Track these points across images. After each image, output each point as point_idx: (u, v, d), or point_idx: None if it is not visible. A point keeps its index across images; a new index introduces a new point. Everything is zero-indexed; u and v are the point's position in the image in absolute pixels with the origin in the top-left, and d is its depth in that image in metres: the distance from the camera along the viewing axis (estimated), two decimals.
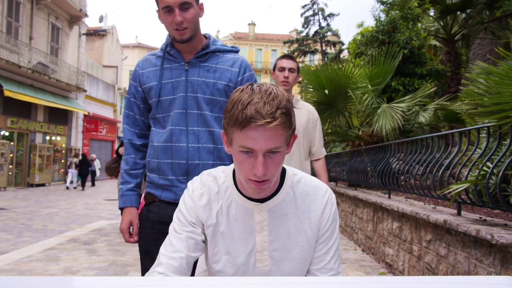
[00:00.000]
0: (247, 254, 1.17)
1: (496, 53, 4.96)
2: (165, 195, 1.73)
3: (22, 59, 15.86)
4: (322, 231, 1.19)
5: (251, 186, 1.08)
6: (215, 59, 1.77)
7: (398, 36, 8.79)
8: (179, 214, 1.19)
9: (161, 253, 1.14)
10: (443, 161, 3.60)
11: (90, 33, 25.02)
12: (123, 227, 1.78)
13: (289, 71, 2.89)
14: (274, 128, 0.99)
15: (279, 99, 1.01)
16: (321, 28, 28.36)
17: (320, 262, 1.20)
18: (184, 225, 1.17)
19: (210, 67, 1.74)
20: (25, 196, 13.29)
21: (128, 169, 1.81)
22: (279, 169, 1.09)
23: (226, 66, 1.77)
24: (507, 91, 2.71)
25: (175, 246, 1.14)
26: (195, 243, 1.16)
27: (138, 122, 1.83)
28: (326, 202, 1.20)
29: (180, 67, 1.74)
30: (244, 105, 0.99)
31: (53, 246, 5.52)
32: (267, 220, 1.16)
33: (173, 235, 1.17)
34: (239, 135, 1.01)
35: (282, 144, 1.03)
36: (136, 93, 1.80)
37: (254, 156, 1.03)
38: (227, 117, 1.04)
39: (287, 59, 2.94)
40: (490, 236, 2.34)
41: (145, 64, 1.80)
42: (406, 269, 3.97)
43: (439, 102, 7.63)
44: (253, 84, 1.06)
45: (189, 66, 1.73)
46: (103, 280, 0.71)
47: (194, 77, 1.72)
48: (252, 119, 0.98)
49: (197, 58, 1.74)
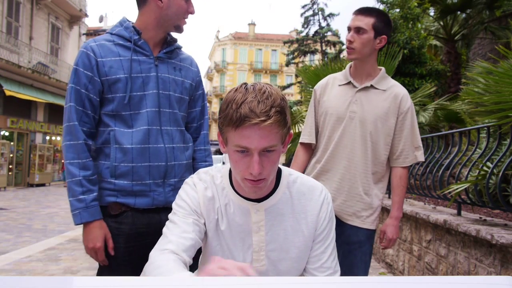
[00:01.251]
0: (244, 253, 1.17)
1: (496, 52, 4.97)
2: (140, 202, 1.57)
3: (22, 59, 15.86)
4: (319, 231, 1.19)
5: (247, 185, 1.08)
6: (178, 56, 1.72)
7: (398, 36, 8.79)
8: (182, 203, 1.15)
9: (168, 233, 1.08)
10: (443, 161, 3.60)
11: (90, 33, 24.99)
12: (99, 245, 1.52)
13: (355, 32, 1.99)
14: (268, 126, 0.99)
15: (273, 97, 1.01)
16: (321, 28, 28.35)
17: (318, 261, 1.20)
18: (189, 212, 1.14)
19: (176, 64, 1.69)
20: (25, 196, 13.29)
21: (89, 175, 1.53)
22: (275, 168, 1.09)
23: (187, 64, 1.74)
24: (507, 91, 2.71)
25: (183, 227, 1.10)
26: (200, 230, 1.13)
27: (89, 119, 1.56)
28: (322, 201, 1.20)
29: (149, 60, 1.60)
30: (238, 104, 1.00)
31: (53, 246, 5.52)
32: (264, 220, 1.16)
33: (177, 220, 1.12)
34: (234, 134, 1.02)
35: (277, 142, 1.04)
36: (89, 84, 1.54)
37: (249, 155, 1.03)
38: (221, 117, 1.05)
39: (357, 13, 2.01)
40: (490, 236, 2.34)
41: (103, 51, 1.55)
42: (406, 269, 3.97)
43: (439, 102, 7.63)
44: (247, 84, 1.06)
45: (159, 62, 1.63)
46: (103, 280, 0.71)
47: (165, 74, 1.63)
48: (247, 118, 0.98)
49: (166, 53, 1.66)
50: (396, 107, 2.00)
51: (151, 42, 1.63)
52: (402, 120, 2.01)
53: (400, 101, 2.01)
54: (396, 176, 2.05)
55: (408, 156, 2.02)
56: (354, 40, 1.97)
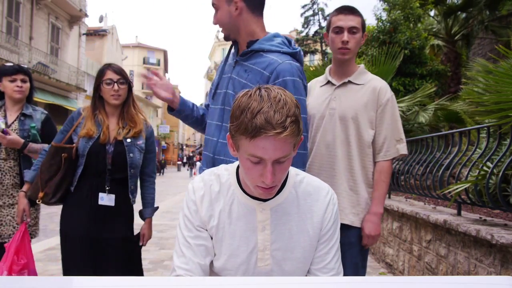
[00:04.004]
0: (249, 252, 1.17)
1: (496, 52, 4.96)
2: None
3: (22, 59, 15.85)
4: (324, 231, 1.20)
5: (258, 192, 1.09)
6: (256, 58, 1.71)
7: (399, 36, 8.79)
8: (185, 219, 1.19)
9: (176, 265, 1.15)
10: (443, 161, 3.60)
11: (90, 33, 25.01)
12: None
13: (349, 32, 1.97)
14: (284, 138, 0.99)
15: (288, 106, 1.00)
16: (321, 28, 28.33)
17: (321, 262, 1.20)
18: (191, 231, 1.18)
19: (247, 67, 1.71)
20: None
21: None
22: (286, 174, 1.10)
23: (260, 68, 1.68)
24: (507, 90, 2.71)
25: (187, 256, 1.15)
26: (205, 249, 1.17)
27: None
28: (328, 202, 1.21)
29: (232, 63, 1.80)
30: (254, 114, 0.98)
31: (53, 246, 5.51)
32: (269, 219, 1.16)
33: (183, 244, 1.17)
34: (248, 144, 1.01)
35: (290, 151, 1.04)
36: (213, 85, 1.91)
37: (262, 164, 1.03)
38: (235, 124, 1.03)
39: (346, 13, 1.99)
40: (490, 236, 2.34)
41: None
42: (406, 269, 3.97)
43: (439, 102, 7.64)
44: (261, 89, 1.04)
45: (236, 64, 1.77)
46: (103, 280, 0.71)
47: (235, 75, 1.74)
48: (262, 129, 0.97)
49: (242, 55, 1.75)
50: (375, 100, 1.98)
51: (240, 45, 1.79)
52: (381, 113, 1.98)
53: (378, 93, 1.98)
54: (377, 171, 2.00)
55: (389, 149, 1.98)
56: (349, 40, 1.97)
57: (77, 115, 2.34)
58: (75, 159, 2.19)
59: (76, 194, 2.20)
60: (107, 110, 2.29)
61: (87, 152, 2.17)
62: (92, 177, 2.19)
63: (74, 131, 2.27)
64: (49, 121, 2.76)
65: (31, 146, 2.55)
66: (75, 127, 2.28)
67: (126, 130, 2.25)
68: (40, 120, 2.71)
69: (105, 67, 2.27)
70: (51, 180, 2.17)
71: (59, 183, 2.17)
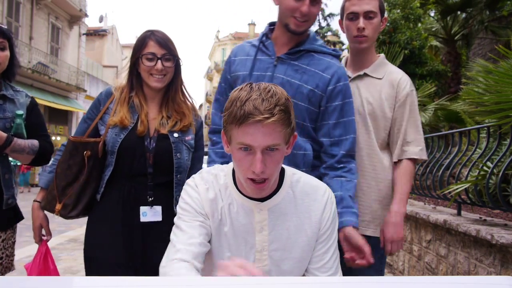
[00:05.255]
0: (246, 253, 1.17)
1: (496, 52, 4.96)
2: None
3: (22, 59, 15.84)
4: (322, 231, 1.19)
5: (250, 186, 1.08)
6: (308, 59, 1.62)
7: (399, 36, 8.79)
8: (185, 206, 1.15)
9: (176, 241, 1.08)
10: (443, 161, 3.60)
11: (90, 33, 25.01)
12: None
13: (365, 18, 1.72)
14: (272, 124, 1.00)
15: (277, 96, 1.02)
16: (321, 28, 28.28)
17: (320, 261, 1.20)
18: (194, 215, 1.13)
19: (299, 67, 1.60)
20: (25, 196, 13.29)
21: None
22: (278, 168, 1.09)
23: (317, 69, 1.59)
24: (507, 90, 2.71)
25: (189, 233, 1.09)
26: (207, 233, 1.13)
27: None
28: (326, 201, 1.20)
29: (269, 60, 1.64)
30: (243, 101, 1.00)
31: (53, 246, 5.52)
32: (267, 220, 1.16)
33: (184, 224, 1.11)
34: (237, 132, 1.02)
35: (280, 141, 1.04)
36: (226, 80, 1.74)
37: (252, 153, 1.03)
38: (225, 115, 1.05)
39: None
40: (490, 236, 2.34)
41: (238, 51, 1.74)
42: (406, 269, 3.97)
43: (439, 102, 7.64)
44: (252, 83, 1.07)
45: (278, 62, 1.62)
46: (103, 280, 0.71)
47: (280, 74, 1.60)
48: (250, 115, 0.99)
49: (289, 54, 1.62)
50: (392, 96, 1.76)
51: (278, 41, 1.65)
52: (399, 108, 1.75)
53: (397, 87, 1.75)
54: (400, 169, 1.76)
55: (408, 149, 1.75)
56: (366, 26, 1.71)
57: (104, 97, 1.71)
58: (102, 157, 1.64)
59: (105, 205, 1.64)
60: (146, 93, 1.69)
61: (118, 147, 1.60)
62: (125, 182, 1.63)
63: (101, 119, 1.67)
64: (35, 107, 1.93)
65: (17, 143, 1.74)
66: (102, 114, 1.67)
67: (172, 121, 1.67)
68: (25, 105, 1.87)
69: (146, 34, 1.64)
70: (70, 186, 1.64)
71: (81, 191, 1.63)
